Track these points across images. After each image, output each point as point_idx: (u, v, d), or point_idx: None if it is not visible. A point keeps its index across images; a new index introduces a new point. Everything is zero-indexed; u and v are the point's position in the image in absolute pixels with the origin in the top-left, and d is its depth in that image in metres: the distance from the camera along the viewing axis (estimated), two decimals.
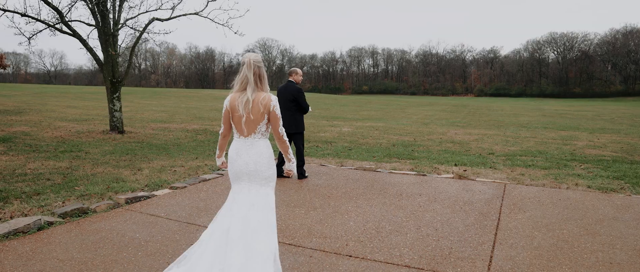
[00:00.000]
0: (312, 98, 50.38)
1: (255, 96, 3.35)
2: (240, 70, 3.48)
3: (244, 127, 3.40)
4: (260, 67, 3.42)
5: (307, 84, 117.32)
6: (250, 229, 3.35)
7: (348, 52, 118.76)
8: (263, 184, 3.46)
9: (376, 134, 15.73)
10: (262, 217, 3.38)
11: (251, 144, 3.42)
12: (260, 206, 3.42)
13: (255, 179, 3.44)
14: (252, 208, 3.40)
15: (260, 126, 3.39)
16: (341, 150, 11.58)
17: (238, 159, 3.44)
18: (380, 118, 24.54)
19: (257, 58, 3.44)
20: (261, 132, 3.42)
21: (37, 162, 8.99)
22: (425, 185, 7.01)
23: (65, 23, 12.80)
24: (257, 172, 3.42)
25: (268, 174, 3.46)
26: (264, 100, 3.36)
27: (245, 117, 3.36)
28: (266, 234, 3.35)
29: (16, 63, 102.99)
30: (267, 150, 3.46)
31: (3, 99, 28.55)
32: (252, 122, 3.38)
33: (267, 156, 3.45)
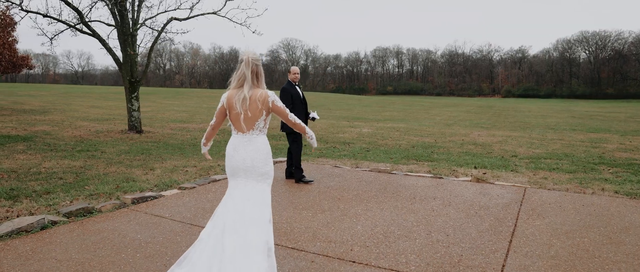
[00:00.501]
0: (335, 99, 50.24)
1: (252, 93, 3.35)
2: (237, 68, 3.45)
3: (242, 124, 3.39)
4: (258, 65, 3.41)
5: (331, 84, 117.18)
6: (245, 221, 3.33)
7: (372, 52, 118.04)
8: (259, 180, 3.44)
9: (396, 135, 15.45)
10: (257, 212, 3.37)
11: (249, 141, 3.41)
12: (255, 201, 3.40)
13: (252, 175, 3.42)
14: (247, 203, 3.39)
15: (258, 122, 3.40)
16: (358, 151, 11.36)
17: (235, 154, 3.43)
18: (402, 119, 24.18)
19: (256, 56, 3.43)
20: (259, 128, 3.42)
21: (53, 161, 9.06)
22: (440, 188, 6.75)
23: (85, 23, 12.95)
24: (254, 168, 3.41)
25: (264, 170, 3.45)
26: (261, 97, 3.35)
27: (243, 115, 3.35)
28: (261, 227, 3.33)
29: (45, 64, 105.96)
30: (264, 146, 3.45)
31: (30, 99, 29.26)
32: (250, 119, 3.38)
33: (265, 152, 3.45)
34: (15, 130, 14.51)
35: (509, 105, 45.49)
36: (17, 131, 14.37)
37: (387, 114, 28.60)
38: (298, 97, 7.02)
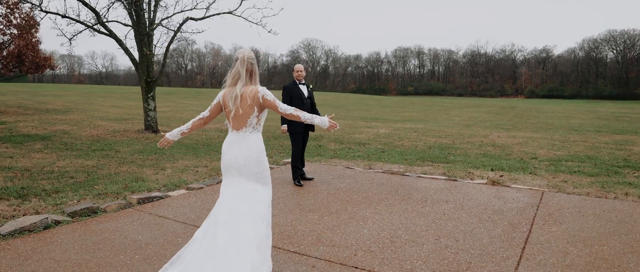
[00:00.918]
0: (355, 99, 50.00)
1: (244, 90, 3.35)
2: (232, 66, 3.45)
3: (235, 122, 3.39)
4: (253, 64, 3.43)
5: (351, 84, 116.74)
6: (238, 217, 3.31)
7: (393, 52, 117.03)
8: (252, 179, 3.41)
9: (414, 136, 15.19)
10: (249, 209, 3.34)
11: (242, 138, 3.40)
12: (249, 199, 3.38)
13: (244, 174, 3.40)
14: (240, 200, 3.37)
15: (250, 120, 3.38)
16: (373, 152, 11.17)
17: (229, 152, 3.43)
18: (421, 120, 23.85)
19: (251, 55, 3.44)
20: (252, 125, 3.40)
21: (67, 160, 9.12)
22: (454, 191, 6.53)
23: (102, 23, 13.06)
24: (246, 166, 3.38)
25: (257, 170, 3.41)
26: (251, 93, 3.33)
27: (234, 112, 3.35)
28: (253, 223, 3.29)
29: (70, 65, 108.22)
30: (257, 145, 3.42)
31: (53, 99, 29.82)
32: (241, 117, 3.36)
33: (257, 151, 3.41)
34: (35, 130, 14.73)
35: (532, 106, 44.56)
36: (37, 130, 14.59)
37: (406, 114, 28.27)
38: (298, 95, 6.77)
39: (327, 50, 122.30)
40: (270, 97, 3.34)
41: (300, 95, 6.76)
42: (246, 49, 3.45)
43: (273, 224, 4.97)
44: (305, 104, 6.75)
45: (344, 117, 24.70)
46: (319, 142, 13.09)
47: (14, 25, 22.32)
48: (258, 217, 3.33)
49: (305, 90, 6.87)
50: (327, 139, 13.81)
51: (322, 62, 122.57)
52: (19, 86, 49.37)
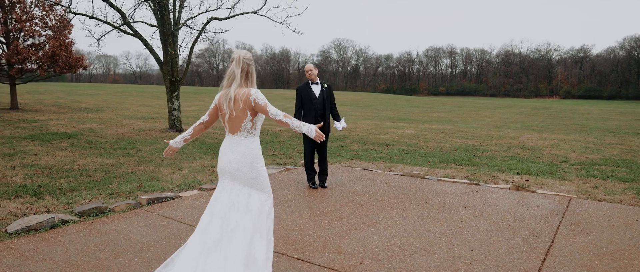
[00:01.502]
0: (384, 99, 49.48)
1: (237, 92, 3.22)
2: (228, 66, 3.33)
3: (229, 125, 3.29)
4: (249, 65, 3.31)
5: (382, 84, 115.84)
6: (228, 231, 3.19)
7: (425, 52, 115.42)
8: (246, 185, 3.29)
9: (440, 137, 14.80)
10: (240, 219, 3.21)
11: (237, 143, 3.29)
12: (240, 206, 3.26)
13: (238, 179, 3.29)
14: (232, 208, 3.26)
15: (244, 124, 3.24)
16: (396, 153, 10.89)
17: (223, 156, 3.35)
18: (449, 120, 23.32)
19: (248, 55, 3.33)
20: (247, 129, 3.26)
21: (88, 158, 9.20)
22: (474, 196, 6.22)
23: (128, 24, 13.20)
24: (239, 171, 3.27)
25: (251, 175, 3.27)
26: (244, 96, 3.20)
27: (228, 115, 3.24)
28: (243, 237, 3.16)
29: (106, 64, 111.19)
30: (251, 150, 3.28)
31: (87, 98, 30.57)
32: (235, 120, 3.24)
33: (251, 156, 3.27)
34: (64, 128, 15.05)
35: (567, 107, 43.07)
36: (66, 128, 14.90)
37: (434, 115, 27.73)
38: (309, 97, 6.48)
39: (358, 50, 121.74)
40: (261, 101, 3.18)
41: (309, 96, 6.49)
42: (242, 50, 3.35)
43: (280, 228, 4.82)
44: (314, 105, 6.48)
45: (371, 117, 24.40)
46: (342, 143, 12.89)
47: (49, 26, 22.96)
48: (249, 230, 3.18)
49: (318, 90, 6.56)
50: (350, 140, 13.59)
51: (353, 62, 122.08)
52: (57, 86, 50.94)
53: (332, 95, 6.77)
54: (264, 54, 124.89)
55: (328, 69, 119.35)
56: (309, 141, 6.67)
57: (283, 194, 6.29)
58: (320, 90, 6.58)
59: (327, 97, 6.61)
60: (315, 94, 6.54)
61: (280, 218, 5.16)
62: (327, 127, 6.61)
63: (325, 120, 6.53)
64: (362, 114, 27.16)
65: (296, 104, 6.60)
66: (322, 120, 6.52)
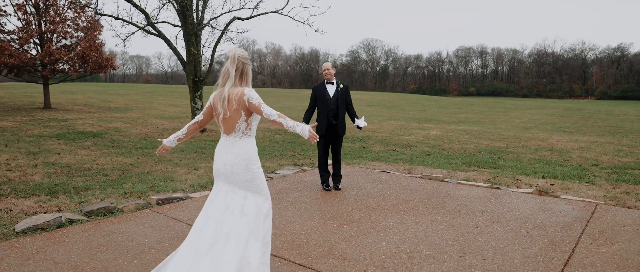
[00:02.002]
0: (412, 99, 48.86)
1: (231, 92, 3.13)
2: (224, 65, 3.24)
3: (224, 125, 3.20)
4: (245, 64, 3.21)
5: (411, 85, 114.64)
6: (222, 235, 3.10)
7: (455, 52, 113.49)
8: (242, 187, 3.20)
9: (465, 138, 14.42)
10: (235, 223, 3.12)
11: (231, 144, 3.20)
12: (235, 209, 3.17)
13: (233, 181, 3.21)
14: (226, 211, 3.17)
15: (238, 124, 3.15)
16: (418, 155, 10.63)
17: (218, 158, 3.27)
18: (477, 121, 22.77)
19: (243, 54, 3.23)
20: (242, 130, 3.18)
21: (108, 157, 9.29)
22: (494, 200, 5.95)
23: (151, 24, 13.33)
24: (234, 173, 3.18)
25: (246, 178, 3.18)
26: (237, 96, 3.10)
27: (222, 115, 3.16)
28: (237, 242, 3.07)
29: (139, 65, 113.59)
30: (245, 152, 3.19)
31: (117, 98, 31.21)
32: (229, 120, 3.15)
33: (246, 158, 3.18)
34: (91, 127, 15.34)
35: (602, 108, 41.54)
36: (93, 128, 15.18)
37: (462, 115, 27.15)
38: (322, 95, 6.34)
39: (387, 50, 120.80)
40: (255, 100, 3.07)
41: (324, 96, 6.35)
42: (239, 48, 3.25)
43: (286, 231, 4.68)
44: (327, 104, 6.33)
45: (397, 117, 24.07)
46: (364, 144, 12.69)
47: (80, 28, 23.53)
48: (245, 235, 3.09)
49: (332, 90, 6.39)
50: (372, 141, 13.37)
51: (382, 62, 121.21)
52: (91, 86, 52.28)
53: (349, 95, 6.59)
54: (293, 54, 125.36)
55: (357, 69, 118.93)
56: (320, 143, 6.51)
57: (294, 196, 6.16)
58: (335, 90, 6.41)
59: (342, 98, 6.42)
60: (330, 93, 6.38)
61: (288, 221, 5.03)
62: (341, 128, 6.46)
63: (338, 121, 6.39)
64: (389, 114, 26.83)
65: (310, 103, 6.50)
66: (335, 120, 6.38)
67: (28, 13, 22.36)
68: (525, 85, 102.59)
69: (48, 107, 23.75)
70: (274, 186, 6.73)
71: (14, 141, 11.59)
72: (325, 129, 6.37)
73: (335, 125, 6.43)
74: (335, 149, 6.63)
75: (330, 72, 6.38)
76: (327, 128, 6.38)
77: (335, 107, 6.39)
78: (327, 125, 6.36)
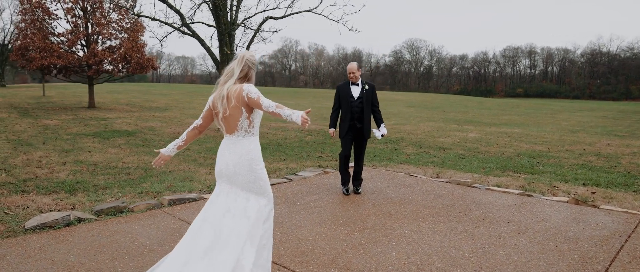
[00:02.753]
0: (454, 100, 47.65)
1: (229, 89, 3.05)
2: (230, 64, 3.20)
3: (225, 125, 3.13)
4: (250, 68, 3.15)
5: (456, 85, 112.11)
6: (222, 238, 2.99)
7: (502, 51, 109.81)
8: (245, 188, 3.10)
9: (505, 141, 13.75)
10: (235, 226, 3.01)
11: (234, 143, 3.12)
12: (237, 212, 3.06)
13: (236, 182, 3.11)
14: (227, 214, 3.07)
15: (240, 122, 3.07)
16: (451, 158, 10.17)
17: (221, 158, 3.19)
18: (520, 124, 21.80)
19: (252, 58, 3.19)
20: (244, 128, 3.09)
21: (135, 156, 9.36)
22: (523, 209, 5.50)
23: (186, 25, 13.44)
24: (237, 174, 3.08)
25: (249, 179, 3.08)
26: (236, 92, 3.02)
27: (221, 114, 3.08)
28: (236, 246, 2.95)
29: (184, 65, 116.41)
30: (248, 151, 3.10)
31: (159, 98, 31.97)
32: (230, 119, 3.07)
33: (249, 158, 3.09)
34: (127, 126, 15.67)
35: None
36: (129, 126, 15.49)
37: (505, 117, 26.10)
38: (346, 95, 5.99)
39: (431, 50, 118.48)
40: (254, 94, 2.98)
41: (348, 96, 6.00)
42: (250, 52, 3.22)
43: (293, 237, 4.46)
44: (351, 105, 5.97)
45: (435, 119, 23.41)
46: (396, 146, 12.30)
47: (124, 29, 24.20)
48: (243, 239, 2.96)
49: (357, 90, 6.01)
50: (406, 143, 12.96)
51: (426, 62, 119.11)
52: (136, 86, 53.95)
53: (375, 96, 6.16)
54: (336, 54, 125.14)
55: (400, 69, 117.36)
56: (344, 145, 6.12)
57: (310, 199, 5.92)
58: (361, 90, 6.01)
59: (367, 99, 6.01)
60: (354, 94, 5.99)
61: (297, 226, 4.81)
62: (366, 130, 6.08)
63: (363, 124, 6.01)
64: (428, 115, 26.17)
65: (334, 104, 6.21)
66: (360, 123, 6.01)
67: (76, 16, 23.21)
68: (577, 86, 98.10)
69: (92, 106, 24.56)
70: (292, 188, 6.53)
71: (53, 139, 11.94)
72: (346, 131, 6.02)
73: (360, 129, 6.04)
74: (359, 153, 6.27)
75: (356, 75, 5.97)
76: (348, 131, 6.02)
77: (360, 110, 5.99)
78: (349, 128, 6.00)
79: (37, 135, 12.68)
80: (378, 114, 6.16)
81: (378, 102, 6.22)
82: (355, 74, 5.96)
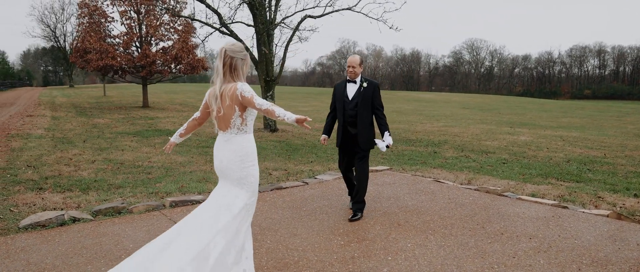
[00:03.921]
0: (513, 102, 45.50)
1: (224, 88, 3.06)
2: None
3: (219, 122, 3.16)
4: (233, 57, 3.09)
5: (518, 87, 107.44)
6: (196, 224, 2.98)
7: (568, 51, 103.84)
8: (235, 184, 3.12)
9: (557, 145, 12.73)
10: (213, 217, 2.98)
11: (227, 140, 3.15)
12: (222, 205, 3.05)
13: (228, 177, 3.15)
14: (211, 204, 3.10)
15: (233, 120, 3.09)
16: (490, 163, 9.46)
17: (216, 156, 3.24)
18: (580, 127, 20.29)
19: (232, 47, 3.12)
20: (237, 126, 3.11)
21: (163, 156, 9.39)
22: (552, 222, 4.88)
23: (224, 25, 13.44)
24: (229, 169, 3.13)
25: (240, 175, 3.11)
26: (230, 91, 3.03)
27: (215, 112, 3.11)
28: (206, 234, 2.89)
29: None
30: (241, 148, 3.12)
31: None
32: (223, 117, 3.10)
33: (241, 155, 3.11)
34: (171, 125, 15.96)
35: None
36: (172, 125, 15.77)
37: (565, 120, 24.44)
38: (340, 95, 5.08)
39: (492, 50, 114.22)
40: (248, 93, 3.00)
41: (342, 96, 5.07)
42: (229, 42, 3.17)
43: (282, 246, 4.13)
44: (345, 107, 5.04)
45: (488, 121, 22.29)
46: (436, 149, 11.68)
47: (176, 31, 24.86)
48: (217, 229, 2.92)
49: (353, 90, 5.03)
50: (448, 146, 12.29)
51: (487, 63, 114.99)
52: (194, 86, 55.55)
53: (377, 97, 5.06)
54: (394, 55, 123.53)
55: (459, 70, 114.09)
56: (340, 153, 5.27)
57: (319, 205, 5.57)
58: (357, 89, 5.02)
59: (365, 100, 4.97)
60: (349, 93, 5.04)
61: (292, 234, 4.48)
62: (364, 137, 4.99)
63: (359, 130, 4.98)
64: (481, 117, 25.00)
65: (331, 106, 5.41)
66: (355, 129, 5.00)
67: (131, 18, 24.06)
68: None
69: (146, 106, 25.40)
70: (304, 192, 6.21)
71: (95, 137, 12.29)
72: (341, 139, 5.11)
73: (354, 136, 5.03)
74: (358, 162, 5.06)
75: (356, 70, 4.98)
76: (343, 138, 5.10)
77: (355, 113, 4.99)
78: (343, 135, 5.09)
79: (83, 133, 13.13)
80: (381, 118, 5.04)
81: (381, 103, 5.11)
82: (354, 70, 4.98)
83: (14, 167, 7.87)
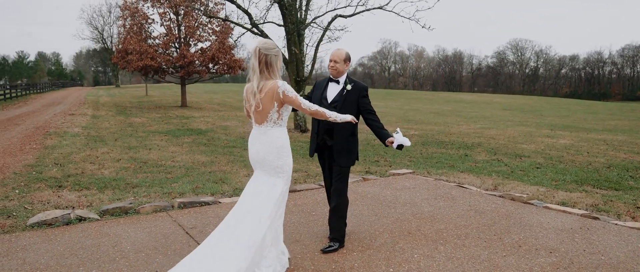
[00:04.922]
0: (557, 103, 43.69)
1: (263, 85, 3.28)
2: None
3: (256, 116, 3.37)
4: (267, 55, 3.28)
5: (565, 88, 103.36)
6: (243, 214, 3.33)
7: (619, 51, 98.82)
8: (272, 174, 3.41)
9: (599, 150, 12.00)
10: (258, 204, 3.32)
11: (263, 133, 3.38)
12: (262, 193, 3.37)
13: (265, 168, 3.42)
14: (254, 198, 3.37)
15: (270, 114, 3.32)
16: (523, 168, 8.98)
17: (252, 147, 3.48)
18: (628, 130, 19.15)
19: (265, 45, 3.30)
20: (273, 120, 3.35)
21: (188, 155, 9.43)
22: (578, 235, 4.49)
23: (255, 25, 13.43)
24: (265, 160, 3.39)
25: (277, 164, 3.39)
26: (271, 89, 3.26)
27: (254, 107, 3.32)
28: (252, 222, 3.26)
29: None
30: (277, 139, 3.37)
31: None
32: (261, 112, 3.32)
33: (278, 146, 3.37)
34: (204, 125, 16.14)
35: None
36: (204, 125, 15.94)
37: (612, 123, 23.17)
38: (319, 99, 4.11)
39: (538, 51, 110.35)
40: (291, 93, 3.27)
41: (320, 96, 4.13)
42: (262, 40, 3.35)
43: None
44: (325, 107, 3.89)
45: (528, 123, 21.42)
46: (468, 151, 11.24)
47: (214, 32, 25.18)
48: (261, 217, 3.27)
49: (335, 91, 4.10)
50: (481, 148, 11.81)
51: (532, 63, 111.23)
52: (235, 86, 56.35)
53: (364, 103, 4.11)
54: (436, 55, 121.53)
55: (503, 71, 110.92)
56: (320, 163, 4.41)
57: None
58: (339, 91, 4.09)
59: (346, 105, 4.01)
60: (329, 95, 4.11)
61: (295, 240, 4.31)
62: (342, 151, 4.05)
63: (336, 141, 4.05)
64: (521, 119, 24.06)
65: None
66: (329, 138, 4.06)
67: (170, 20, 24.55)
68: None
69: (184, 105, 25.88)
70: (317, 196, 6.02)
71: (127, 136, 12.54)
72: (315, 149, 4.22)
73: (331, 149, 4.11)
74: (334, 186, 4.13)
75: (338, 67, 4.03)
76: (317, 148, 4.21)
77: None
78: (316, 144, 4.17)
79: (117, 132, 13.43)
80: (374, 123, 4.11)
81: (372, 109, 4.16)
82: (336, 65, 4.03)
83: (42, 164, 8.07)
